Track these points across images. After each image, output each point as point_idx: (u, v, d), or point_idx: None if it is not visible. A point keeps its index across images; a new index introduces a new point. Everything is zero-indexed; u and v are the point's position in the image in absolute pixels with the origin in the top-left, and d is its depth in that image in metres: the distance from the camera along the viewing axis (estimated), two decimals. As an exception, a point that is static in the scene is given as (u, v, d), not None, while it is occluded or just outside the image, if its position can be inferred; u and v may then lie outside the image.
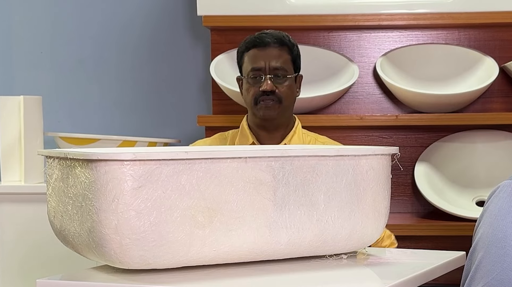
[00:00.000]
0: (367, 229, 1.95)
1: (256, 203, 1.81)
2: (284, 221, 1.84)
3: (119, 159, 1.70)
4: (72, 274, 1.89)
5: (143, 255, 1.75)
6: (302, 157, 1.84)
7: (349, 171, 1.90)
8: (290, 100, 2.70)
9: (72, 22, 3.92)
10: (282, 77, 2.66)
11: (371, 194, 1.94)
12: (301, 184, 1.84)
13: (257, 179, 1.80)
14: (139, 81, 3.91)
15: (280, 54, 2.67)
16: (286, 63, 2.68)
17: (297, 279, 1.88)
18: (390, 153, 2.02)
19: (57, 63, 3.93)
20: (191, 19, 3.86)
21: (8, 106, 3.44)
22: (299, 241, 1.88)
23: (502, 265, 1.54)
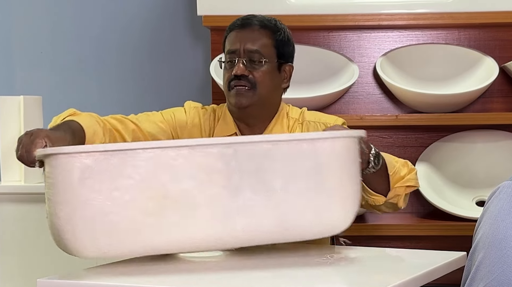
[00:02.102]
0: (334, 214, 1.91)
1: (209, 191, 1.81)
2: (239, 208, 1.83)
3: (67, 152, 1.79)
4: (72, 274, 1.89)
5: (96, 244, 1.80)
6: (255, 142, 1.83)
7: (308, 155, 1.85)
8: (266, 88, 2.39)
9: (72, 22, 3.92)
10: (258, 62, 2.38)
11: (336, 178, 1.88)
12: (256, 170, 1.82)
13: (208, 166, 1.80)
14: (139, 81, 3.91)
15: (258, 37, 2.40)
16: (264, 47, 2.40)
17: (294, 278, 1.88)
18: (353, 136, 1.93)
19: (57, 63, 3.93)
20: (191, 19, 3.86)
21: (8, 106, 3.44)
22: (257, 228, 1.85)
23: (502, 266, 1.54)
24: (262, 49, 2.40)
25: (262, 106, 2.42)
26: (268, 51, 2.41)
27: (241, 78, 2.38)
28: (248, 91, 2.38)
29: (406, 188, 2.28)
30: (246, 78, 2.38)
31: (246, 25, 2.43)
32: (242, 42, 2.40)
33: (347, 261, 2.17)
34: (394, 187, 2.25)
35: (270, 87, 2.42)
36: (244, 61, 2.38)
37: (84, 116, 2.36)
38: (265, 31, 2.43)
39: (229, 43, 2.44)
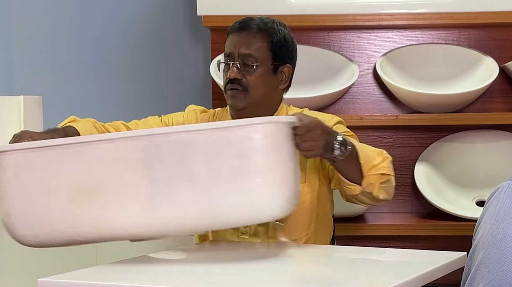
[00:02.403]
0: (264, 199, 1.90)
1: (132, 182, 1.89)
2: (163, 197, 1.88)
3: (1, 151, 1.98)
4: (72, 274, 1.89)
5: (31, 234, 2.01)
6: (175, 133, 1.89)
7: (231, 143, 1.88)
8: (259, 91, 2.43)
9: (72, 22, 3.92)
10: (250, 66, 2.41)
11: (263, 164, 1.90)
12: (179, 160, 1.87)
13: (130, 158, 1.88)
14: (139, 81, 3.92)
15: (252, 40, 2.43)
16: (258, 50, 2.42)
17: (294, 278, 1.89)
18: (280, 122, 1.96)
19: (57, 63, 3.93)
20: (191, 19, 3.86)
21: (8, 106, 3.44)
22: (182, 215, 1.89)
23: (502, 266, 1.54)
24: (255, 52, 2.43)
25: (257, 108, 2.45)
26: (262, 55, 2.44)
27: (235, 82, 2.42)
28: (240, 94, 2.43)
29: (379, 176, 2.27)
30: (239, 82, 2.42)
31: (242, 28, 2.46)
32: (236, 46, 2.44)
33: (347, 261, 2.17)
34: (367, 175, 2.25)
35: (264, 90, 2.45)
36: (238, 64, 2.42)
37: (82, 122, 2.45)
38: (260, 34, 2.45)
39: (226, 46, 2.48)
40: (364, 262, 2.14)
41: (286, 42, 2.48)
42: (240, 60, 2.43)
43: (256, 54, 2.43)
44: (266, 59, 2.44)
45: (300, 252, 2.30)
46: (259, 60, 2.43)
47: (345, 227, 3.19)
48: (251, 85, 2.42)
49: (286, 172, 1.95)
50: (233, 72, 2.42)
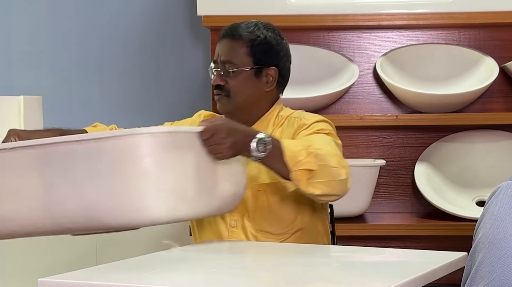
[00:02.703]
0: (147, 203, 1.98)
1: (27, 186, 2.08)
2: (52, 200, 2.06)
3: None
4: (72, 274, 1.89)
5: None
6: (62, 143, 2.05)
7: (110, 151, 1.99)
8: (242, 95, 2.49)
9: (72, 22, 3.92)
10: (230, 71, 2.47)
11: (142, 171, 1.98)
12: (66, 167, 2.03)
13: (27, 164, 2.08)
14: (139, 81, 3.92)
15: (231, 47, 2.49)
16: (237, 56, 2.48)
17: (293, 278, 1.89)
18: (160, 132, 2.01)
19: (57, 63, 3.93)
20: (191, 19, 3.86)
21: (8, 106, 3.44)
22: (67, 217, 2.05)
23: (502, 267, 1.54)
24: (234, 58, 2.49)
25: (244, 112, 2.51)
26: (242, 60, 2.49)
27: (218, 88, 2.50)
28: (224, 99, 2.50)
29: (303, 172, 2.25)
30: (222, 87, 2.49)
31: (224, 36, 2.53)
32: (219, 53, 2.52)
33: (347, 261, 2.17)
34: (293, 171, 2.25)
35: (248, 94, 2.50)
36: (221, 71, 2.50)
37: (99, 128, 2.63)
38: (239, 40, 2.50)
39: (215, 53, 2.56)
40: (364, 262, 2.14)
41: (268, 45, 2.52)
42: (222, 66, 2.49)
43: (235, 60, 2.49)
44: (247, 64, 2.49)
45: (300, 252, 2.30)
46: (238, 66, 2.48)
47: (345, 227, 3.19)
48: (233, 91, 2.49)
49: (179, 178, 2.03)
50: (215, 79, 2.50)
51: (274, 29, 2.56)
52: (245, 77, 2.50)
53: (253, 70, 2.50)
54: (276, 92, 2.57)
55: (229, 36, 2.51)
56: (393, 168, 3.51)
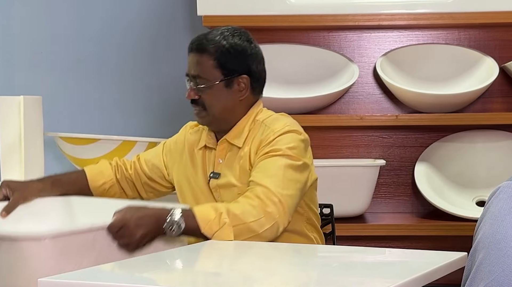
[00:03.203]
0: None
1: None
2: None
3: None
4: (72, 274, 1.89)
5: None
6: None
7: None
8: (216, 107, 2.47)
9: (72, 22, 3.92)
10: (202, 86, 2.47)
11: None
12: None
13: None
14: (139, 81, 3.91)
15: (198, 61, 2.48)
16: (205, 70, 2.46)
17: (293, 278, 1.88)
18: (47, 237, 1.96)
19: (57, 63, 3.93)
20: (191, 19, 3.86)
21: (8, 106, 3.44)
22: None
23: (502, 267, 1.54)
24: (202, 73, 2.47)
25: (222, 121, 2.51)
26: (210, 73, 2.47)
27: (193, 102, 2.50)
28: (201, 112, 2.50)
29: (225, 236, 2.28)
30: (196, 101, 2.49)
31: (190, 50, 2.52)
32: (189, 67, 2.51)
33: (347, 261, 2.17)
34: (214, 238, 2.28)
35: (222, 105, 2.48)
36: (193, 85, 2.50)
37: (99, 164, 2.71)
38: (204, 54, 2.48)
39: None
40: (364, 262, 2.14)
41: (235, 53, 2.48)
42: (193, 81, 2.49)
43: (204, 75, 2.47)
44: (216, 77, 2.47)
45: (299, 252, 2.29)
46: (208, 80, 2.47)
47: (345, 227, 3.19)
48: (207, 104, 2.48)
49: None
50: (188, 95, 2.50)
51: (242, 35, 2.52)
52: (216, 90, 2.47)
53: (224, 82, 2.47)
54: (252, 97, 2.53)
55: (195, 50, 2.49)
56: (393, 168, 3.51)
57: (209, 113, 2.48)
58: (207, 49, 2.47)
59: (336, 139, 3.46)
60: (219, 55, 2.46)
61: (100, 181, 2.65)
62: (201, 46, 2.48)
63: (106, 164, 2.69)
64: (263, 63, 2.55)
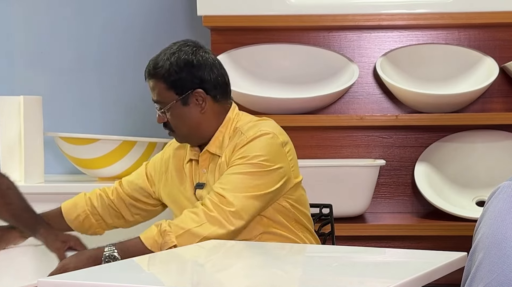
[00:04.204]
0: None
1: None
2: None
3: None
4: (72, 274, 1.89)
5: None
6: None
7: None
8: (183, 127, 2.48)
9: (72, 22, 3.92)
10: (163, 111, 2.48)
11: None
12: None
13: None
14: (139, 81, 3.90)
15: (153, 87, 2.48)
16: (161, 94, 2.46)
17: (293, 278, 1.88)
18: None
19: (57, 63, 3.93)
20: (191, 19, 3.86)
21: (8, 106, 3.44)
22: None
23: (502, 267, 1.54)
24: (159, 98, 2.48)
25: (193, 138, 2.52)
26: (166, 96, 2.47)
27: (164, 125, 2.52)
28: (172, 133, 2.52)
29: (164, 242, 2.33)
30: (166, 125, 2.51)
31: (145, 76, 2.52)
32: (151, 93, 2.51)
33: (347, 261, 2.17)
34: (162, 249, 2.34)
35: (187, 124, 2.49)
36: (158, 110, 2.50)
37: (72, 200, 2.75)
38: (155, 79, 2.48)
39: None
40: (364, 262, 2.14)
41: (180, 70, 2.46)
42: (157, 106, 2.50)
43: (161, 99, 2.48)
44: (171, 98, 2.46)
45: (300, 252, 2.30)
46: (165, 103, 2.47)
47: (345, 227, 3.19)
48: (174, 126, 2.49)
49: None
50: (158, 119, 2.51)
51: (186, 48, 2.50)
52: (176, 111, 2.47)
53: (180, 101, 2.46)
54: (217, 105, 2.51)
55: (148, 77, 2.50)
56: (393, 168, 3.51)
57: (178, 133, 2.50)
58: (156, 74, 2.47)
59: (336, 139, 3.46)
60: (166, 77, 2.46)
61: (73, 214, 2.69)
62: (150, 72, 2.49)
63: (81, 196, 2.71)
64: (218, 67, 2.51)
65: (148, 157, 3.56)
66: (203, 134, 2.51)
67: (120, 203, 2.68)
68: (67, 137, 3.53)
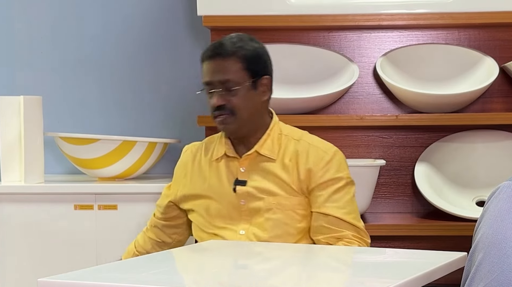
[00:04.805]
0: None
1: None
2: None
3: None
4: (72, 274, 1.89)
5: None
6: None
7: None
8: (246, 110, 2.55)
9: (72, 22, 3.92)
10: (232, 90, 2.53)
11: None
12: None
13: None
14: (139, 81, 3.91)
15: (226, 66, 2.53)
16: (235, 73, 2.53)
17: (293, 278, 1.88)
18: None
19: (57, 63, 3.93)
20: (191, 19, 3.86)
21: (8, 106, 3.44)
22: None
23: (502, 267, 1.54)
24: (232, 76, 2.53)
25: (247, 126, 2.57)
26: (240, 76, 2.54)
27: (220, 108, 2.54)
28: (229, 118, 2.54)
29: None
30: (224, 107, 2.53)
31: (214, 56, 2.55)
32: (213, 74, 2.54)
33: (347, 261, 2.17)
34: None
35: (250, 108, 2.56)
36: (222, 91, 2.53)
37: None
38: (232, 58, 2.54)
39: (204, 74, 2.58)
40: (364, 262, 2.14)
41: (259, 56, 2.59)
42: (220, 87, 2.52)
43: (234, 78, 2.53)
44: (245, 79, 2.54)
45: (300, 251, 2.30)
46: (238, 83, 2.53)
47: (345, 227, 3.18)
48: (237, 108, 2.53)
49: None
50: (216, 101, 2.53)
51: (257, 41, 2.64)
52: (245, 92, 2.54)
53: (251, 84, 2.55)
54: (268, 101, 2.63)
55: (219, 56, 2.54)
56: (393, 168, 3.51)
57: (238, 117, 2.54)
58: (234, 53, 2.54)
59: (336, 139, 3.45)
60: (248, 58, 2.55)
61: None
62: (224, 50, 2.54)
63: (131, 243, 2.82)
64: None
65: (148, 157, 3.56)
66: (255, 125, 2.58)
67: (156, 230, 2.76)
68: (67, 137, 3.53)
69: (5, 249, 3.36)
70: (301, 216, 2.53)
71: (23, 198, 3.37)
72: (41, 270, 3.32)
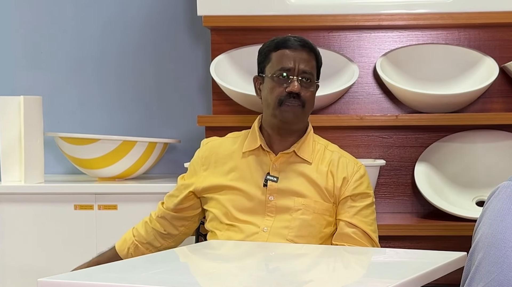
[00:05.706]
0: None
1: None
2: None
3: None
4: (72, 274, 1.89)
5: None
6: None
7: None
8: (311, 107, 2.61)
9: (72, 22, 3.92)
10: (309, 82, 2.58)
11: None
12: None
13: None
14: (139, 81, 3.92)
15: (309, 58, 2.60)
16: (313, 69, 2.61)
17: (294, 278, 1.88)
18: None
19: (57, 63, 3.93)
20: (191, 19, 3.86)
21: (8, 106, 3.44)
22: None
23: (501, 266, 1.54)
24: (312, 70, 2.60)
25: (302, 121, 2.63)
26: (314, 73, 2.62)
27: (295, 96, 2.56)
28: (299, 109, 2.57)
29: None
30: (299, 97, 2.56)
31: (303, 46, 2.62)
32: (297, 62, 2.58)
33: (347, 261, 2.17)
34: None
35: (312, 107, 2.63)
36: (298, 79, 2.57)
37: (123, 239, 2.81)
38: (313, 54, 2.63)
39: (281, 60, 2.60)
40: (364, 262, 2.14)
41: (321, 62, 2.68)
42: (300, 76, 2.57)
43: (313, 72, 2.60)
44: (315, 77, 2.62)
45: (300, 251, 2.30)
46: (313, 78, 2.60)
47: (345, 227, 3.18)
48: (307, 101, 2.58)
49: None
50: (296, 87, 2.55)
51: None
52: (314, 90, 2.62)
53: (316, 85, 2.64)
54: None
55: (307, 48, 2.62)
56: (393, 168, 3.51)
57: (305, 111, 2.59)
58: (314, 50, 2.64)
59: (336, 139, 3.45)
60: (318, 60, 2.65)
61: (125, 249, 2.76)
62: (311, 46, 2.64)
63: (129, 230, 2.79)
64: None
65: (148, 157, 3.56)
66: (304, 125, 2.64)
67: (162, 221, 2.74)
68: (67, 137, 3.54)
69: (5, 249, 3.36)
70: (327, 221, 2.55)
71: (23, 198, 3.37)
72: (41, 270, 3.32)
